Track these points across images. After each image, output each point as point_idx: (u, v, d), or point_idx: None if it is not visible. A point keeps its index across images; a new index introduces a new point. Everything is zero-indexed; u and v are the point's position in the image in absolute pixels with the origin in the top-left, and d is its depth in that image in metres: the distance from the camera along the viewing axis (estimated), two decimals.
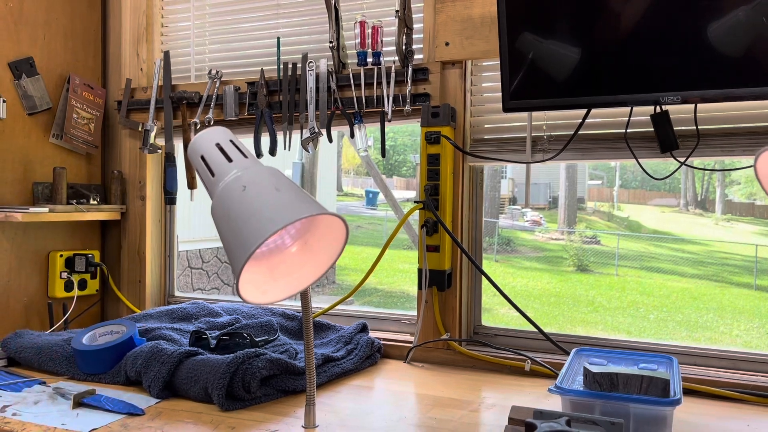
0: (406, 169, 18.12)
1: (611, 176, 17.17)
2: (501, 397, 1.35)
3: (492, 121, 1.68)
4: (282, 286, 0.97)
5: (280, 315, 1.77)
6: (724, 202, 15.32)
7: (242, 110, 1.87)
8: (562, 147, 1.55)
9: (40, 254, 1.94)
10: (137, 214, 2.06)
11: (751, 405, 1.32)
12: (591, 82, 1.41)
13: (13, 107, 1.86)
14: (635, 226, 14.09)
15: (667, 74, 1.34)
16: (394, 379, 1.49)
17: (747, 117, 1.43)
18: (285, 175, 0.95)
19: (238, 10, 1.96)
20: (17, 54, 1.86)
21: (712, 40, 1.30)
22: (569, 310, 8.34)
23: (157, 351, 1.36)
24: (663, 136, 1.44)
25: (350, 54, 1.77)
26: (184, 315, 1.77)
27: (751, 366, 1.44)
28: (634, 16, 1.35)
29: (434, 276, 1.62)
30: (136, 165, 2.07)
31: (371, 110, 1.72)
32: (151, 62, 2.07)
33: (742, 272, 10.13)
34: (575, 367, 1.27)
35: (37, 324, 1.93)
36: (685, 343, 1.52)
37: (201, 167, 0.95)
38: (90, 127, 2.04)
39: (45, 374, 1.46)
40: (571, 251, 11.24)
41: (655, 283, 9.60)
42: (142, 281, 2.06)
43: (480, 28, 1.62)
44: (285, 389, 1.34)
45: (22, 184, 1.89)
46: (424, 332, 1.66)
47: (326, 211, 0.89)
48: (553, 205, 14.26)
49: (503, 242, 12.13)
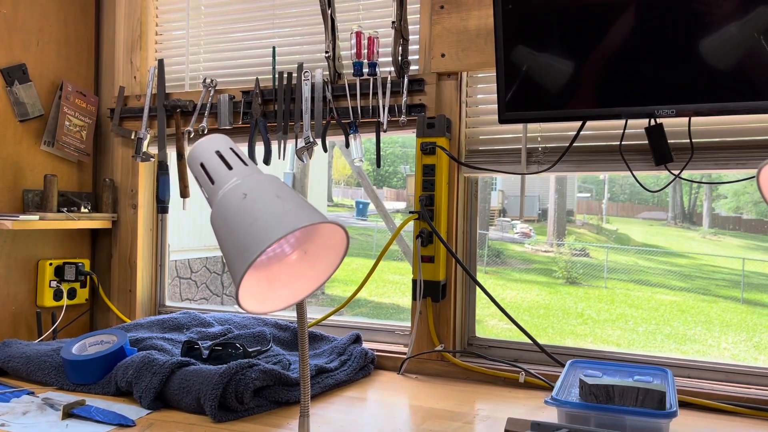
0: (396, 180, 18.14)
1: (600, 189, 17.26)
2: (495, 409, 1.34)
3: (487, 133, 1.68)
4: (281, 295, 0.96)
5: (273, 325, 1.76)
6: (711, 216, 15.44)
7: (237, 119, 1.86)
8: (557, 159, 1.56)
9: (30, 262, 1.92)
10: (129, 222, 2.05)
11: (745, 417, 1.32)
12: (586, 95, 1.42)
13: (5, 114, 1.84)
14: (624, 239, 14.16)
15: (661, 87, 1.35)
16: (387, 391, 1.48)
17: (741, 131, 1.44)
18: (285, 183, 0.95)
19: (234, 19, 1.96)
20: (10, 60, 1.85)
21: (706, 55, 1.31)
22: (559, 323, 8.35)
23: (149, 361, 1.34)
24: (657, 148, 1.45)
25: (346, 64, 1.77)
26: (176, 325, 1.75)
27: (744, 378, 1.45)
28: (629, 30, 1.36)
29: (429, 287, 1.61)
30: (129, 173, 2.05)
31: (366, 120, 1.72)
32: (144, 70, 2.06)
33: (730, 286, 10.19)
34: (571, 379, 1.27)
35: (26, 333, 1.90)
36: (679, 356, 1.53)
37: (200, 175, 0.94)
38: (82, 135, 2.02)
39: (34, 384, 1.43)
40: (560, 264, 11.27)
41: (643, 296, 9.63)
42: (133, 290, 2.04)
43: (476, 39, 1.62)
44: (278, 400, 1.33)
45: (13, 191, 1.87)
46: (418, 343, 1.66)
47: (327, 219, 0.88)
48: (542, 217, 14.31)
49: (493, 254, 12.15)
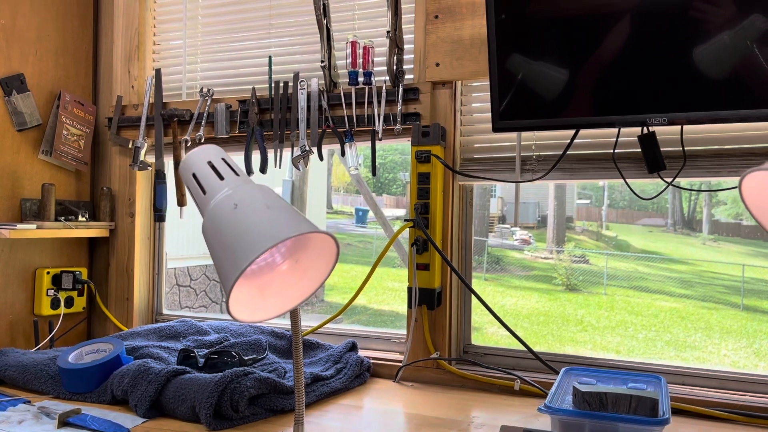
0: (396, 187, 18.16)
1: (599, 196, 17.28)
2: (490, 417, 1.35)
3: (482, 141, 1.69)
4: (272, 304, 0.97)
5: (269, 333, 1.76)
6: (710, 223, 15.45)
7: (233, 128, 1.88)
8: (551, 167, 1.57)
9: (27, 271, 1.92)
10: (126, 231, 2.05)
11: (739, 425, 1.32)
12: (579, 103, 1.43)
13: (3, 123, 1.85)
14: (623, 245, 14.16)
15: (654, 96, 1.36)
16: (383, 399, 1.48)
17: (733, 138, 1.45)
18: (276, 193, 0.95)
19: (231, 29, 1.97)
20: (8, 70, 1.86)
21: (698, 63, 1.32)
22: (558, 329, 8.35)
23: (144, 369, 1.35)
24: (650, 156, 1.46)
25: (341, 73, 1.78)
26: (172, 333, 1.76)
27: (739, 386, 1.45)
28: (622, 39, 1.38)
29: (424, 294, 1.62)
30: (126, 182, 2.06)
31: (362, 129, 1.73)
32: (142, 80, 2.07)
33: (730, 292, 10.18)
34: (564, 386, 1.27)
35: (23, 342, 1.90)
36: (674, 363, 1.53)
37: (192, 185, 0.95)
38: (80, 144, 2.03)
39: (30, 393, 1.44)
40: (560, 270, 11.27)
41: (643, 303, 9.63)
42: (130, 299, 2.04)
43: (470, 49, 1.64)
44: (273, 408, 1.33)
45: (10, 200, 1.88)
46: (413, 351, 1.66)
47: (317, 229, 0.89)
48: (541, 224, 14.32)
49: (493, 261, 12.15)
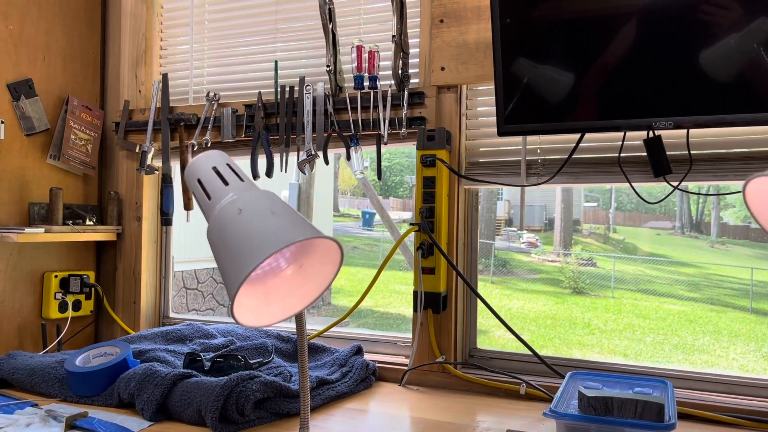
0: (402, 190, 18.17)
1: (606, 199, 17.23)
2: (496, 421, 1.34)
3: (487, 145, 1.69)
4: (277, 309, 0.97)
5: (275, 337, 1.77)
6: (719, 225, 15.36)
7: (239, 132, 1.88)
8: (556, 171, 1.57)
9: (35, 275, 1.94)
10: (133, 234, 2.07)
11: (746, 429, 1.31)
12: (585, 107, 1.43)
13: (11, 128, 1.87)
14: (631, 248, 14.11)
15: (659, 100, 1.36)
16: (388, 403, 1.48)
17: (739, 142, 1.45)
18: (281, 198, 0.96)
19: (237, 34, 1.98)
20: (16, 75, 1.88)
21: (705, 67, 1.32)
22: (566, 333, 8.32)
23: (151, 373, 1.35)
24: (656, 160, 1.45)
25: (347, 78, 1.79)
26: (179, 336, 1.77)
27: (746, 390, 1.44)
28: (628, 42, 1.37)
29: (430, 298, 1.62)
30: (133, 186, 2.07)
31: (367, 133, 1.74)
32: (149, 84, 2.08)
33: (738, 295, 10.12)
34: (570, 390, 1.27)
35: (31, 345, 1.92)
36: (680, 367, 1.52)
37: (197, 190, 0.96)
38: (87, 148, 2.05)
39: (37, 396, 1.45)
40: (567, 273, 11.23)
41: (651, 306, 9.59)
42: (137, 302, 2.05)
43: (475, 53, 1.64)
44: (279, 412, 1.33)
45: (19, 204, 1.89)
46: (419, 355, 1.66)
47: (321, 234, 0.89)
48: (549, 227, 14.29)
49: (499, 264, 12.13)
